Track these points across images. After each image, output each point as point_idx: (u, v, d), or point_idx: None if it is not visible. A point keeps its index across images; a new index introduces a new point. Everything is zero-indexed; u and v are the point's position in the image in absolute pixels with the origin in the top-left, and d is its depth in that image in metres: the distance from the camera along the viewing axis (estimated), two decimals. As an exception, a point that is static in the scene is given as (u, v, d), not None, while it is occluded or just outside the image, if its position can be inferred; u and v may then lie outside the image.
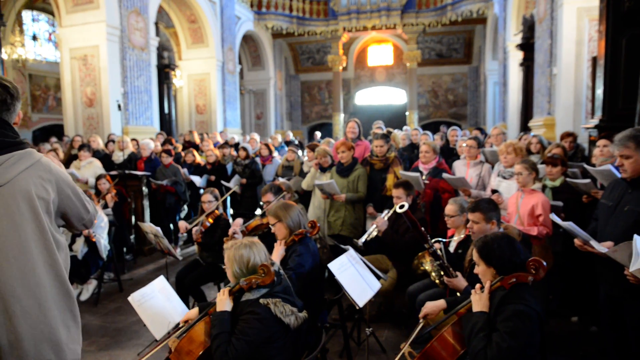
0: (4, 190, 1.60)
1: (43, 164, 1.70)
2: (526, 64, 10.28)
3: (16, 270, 1.60)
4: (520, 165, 3.87)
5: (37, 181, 1.66)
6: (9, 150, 1.64)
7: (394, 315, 4.27)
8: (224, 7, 14.31)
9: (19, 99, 1.77)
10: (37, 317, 1.63)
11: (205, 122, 14.56)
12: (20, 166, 1.63)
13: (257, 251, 2.42)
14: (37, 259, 1.64)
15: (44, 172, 1.69)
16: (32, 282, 1.62)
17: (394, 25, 16.90)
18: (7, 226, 1.60)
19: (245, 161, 7.17)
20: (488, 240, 2.37)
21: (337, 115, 18.61)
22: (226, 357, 2.14)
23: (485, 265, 2.35)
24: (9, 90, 1.72)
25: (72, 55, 10.01)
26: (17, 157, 1.64)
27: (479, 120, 19.16)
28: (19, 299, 1.60)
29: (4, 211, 1.60)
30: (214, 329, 2.23)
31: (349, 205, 4.86)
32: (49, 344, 1.66)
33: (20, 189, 1.62)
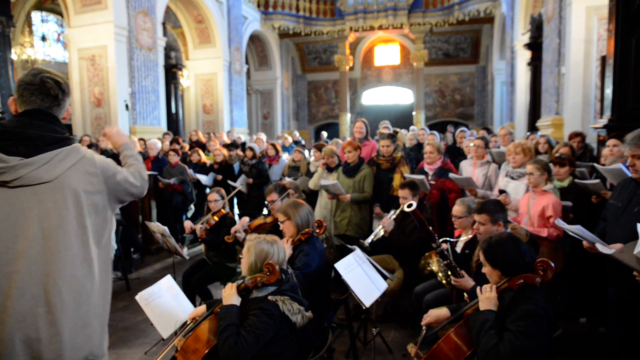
0: (53, 186, 1.63)
1: (88, 159, 1.73)
2: (534, 63, 10.21)
3: (60, 265, 1.63)
4: (532, 165, 3.83)
5: (84, 177, 1.70)
6: (57, 145, 1.66)
7: (401, 316, 4.26)
8: (231, 7, 14.34)
9: (69, 94, 1.81)
10: (74, 312, 1.66)
11: (212, 121, 14.60)
12: (68, 162, 1.66)
13: (278, 250, 2.44)
14: (78, 256, 1.67)
15: (90, 167, 1.72)
16: (72, 277, 1.65)
17: (400, 25, 16.87)
18: (55, 222, 1.63)
19: (252, 161, 7.18)
20: (493, 242, 2.36)
21: (343, 115, 18.59)
22: (235, 349, 2.12)
23: (491, 267, 2.34)
24: (61, 86, 1.75)
25: (80, 55, 10.08)
26: (65, 153, 1.66)
27: (486, 120, 19.08)
28: (60, 292, 1.62)
29: (52, 206, 1.62)
30: (222, 321, 2.23)
31: (354, 206, 4.85)
32: (83, 339, 1.69)
33: (67, 185, 1.65)
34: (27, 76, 1.73)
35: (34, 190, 1.61)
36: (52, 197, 1.63)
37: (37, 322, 1.60)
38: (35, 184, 1.60)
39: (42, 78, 1.71)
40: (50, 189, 1.62)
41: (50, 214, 1.62)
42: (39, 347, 1.61)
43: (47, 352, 1.61)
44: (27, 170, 1.58)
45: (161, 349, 3.74)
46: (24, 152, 1.60)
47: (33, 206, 1.61)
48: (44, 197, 1.62)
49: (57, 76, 1.76)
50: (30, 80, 1.71)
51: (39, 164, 1.60)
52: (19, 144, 1.61)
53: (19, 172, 1.57)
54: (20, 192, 1.60)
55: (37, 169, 1.59)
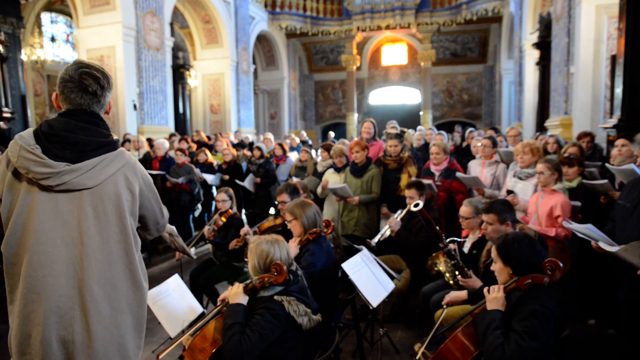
0: (95, 192, 1.61)
1: (131, 166, 1.71)
2: (542, 63, 10.15)
3: (96, 270, 1.62)
4: (543, 164, 3.80)
5: (125, 183, 1.67)
6: (103, 151, 1.63)
7: (408, 316, 4.24)
8: (238, 7, 14.38)
9: (109, 88, 1.74)
10: (109, 319, 1.65)
11: (219, 121, 14.65)
12: (112, 169, 1.64)
13: (280, 249, 2.42)
14: (117, 262, 1.66)
15: (131, 174, 1.69)
16: (109, 284, 1.64)
17: (408, 24, 16.82)
18: (94, 228, 1.61)
19: (259, 161, 7.19)
20: (509, 239, 2.34)
21: (350, 115, 18.57)
22: (239, 347, 2.12)
23: (502, 264, 2.32)
24: (99, 81, 1.68)
25: (89, 56, 10.15)
26: (110, 159, 1.64)
27: (494, 120, 18.99)
28: (94, 298, 1.61)
29: (92, 212, 1.61)
30: (228, 319, 2.22)
31: (362, 206, 4.85)
32: (116, 347, 1.68)
33: (109, 191, 1.63)
34: (68, 71, 1.68)
35: (76, 195, 1.60)
36: (93, 203, 1.61)
37: (72, 325, 1.60)
38: (79, 190, 1.59)
39: (81, 73, 1.66)
40: (92, 194, 1.61)
41: (90, 219, 1.61)
42: (73, 349, 1.60)
43: (80, 355, 1.61)
44: (72, 176, 1.57)
45: (167, 347, 3.76)
46: (70, 157, 1.58)
47: (74, 211, 1.60)
48: (85, 203, 1.61)
49: (96, 70, 1.70)
50: (69, 76, 1.66)
51: (83, 170, 1.58)
52: (66, 148, 1.58)
53: (64, 178, 1.56)
54: (63, 196, 1.59)
55: (82, 175, 1.58)
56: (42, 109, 14.88)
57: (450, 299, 2.80)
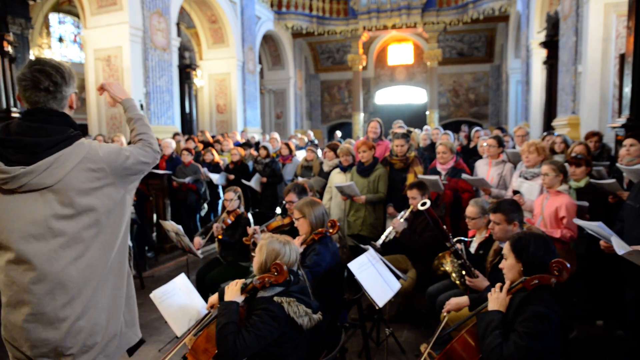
0: (57, 188, 1.64)
1: (91, 156, 1.70)
2: (550, 62, 10.08)
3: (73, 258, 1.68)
4: (547, 166, 3.79)
5: (89, 174, 1.68)
6: (57, 148, 1.65)
7: (414, 316, 4.23)
8: (245, 7, 14.40)
9: (66, 83, 1.74)
10: (92, 298, 1.73)
11: (225, 121, 14.68)
12: (70, 164, 1.65)
13: (290, 250, 2.41)
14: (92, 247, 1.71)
15: (93, 164, 1.70)
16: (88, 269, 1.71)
17: (414, 24, 16.78)
18: (64, 221, 1.65)
19: (265, 160, 7.20)
20: (525, 236, 2.32)
21: (357, 114, 18.55)
22: (234, 348, 2.09)
23: (515, 259, 2.29)
24: (51, 77, 1.69)
25: (96, 56, 10.21)
26: (66, 156, 1.65)
27: (501, 120, 18.91)
28: (76, 283, 1.68)
29: (59, 207, 1.65)
30: (221, 318, 2.19)
31: (369, 205, 4.84)
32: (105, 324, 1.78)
33: (72, 186, 1.65)
34: (23, 69, 1.70)
35: (41, 193, 1.64)
36: (58, 199, 1.64)
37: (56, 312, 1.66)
38: (40, 189, 1.63)
39: (33, 71, 1.67)
40: (55, 191, 1.64)
41: (57, 214, 1.65)
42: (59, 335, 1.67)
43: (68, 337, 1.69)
44: (30, 178, 1.60)
45: (172, 347, 3.77)
46: (24, 160, 1.61)
47: (41, 208, 1.64)
48: (50, 199, 1.64)
49: (50, 66, 1.71)
50: (23, 75, 1.68)
51: (39, 170, 1.61)
52: (19, 152, 1.62)
53: (22, 180, 1.60)
54: (28, 196, 1.64)
55: (39, 175, 1.61)
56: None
57: (451, 307, 2.73)
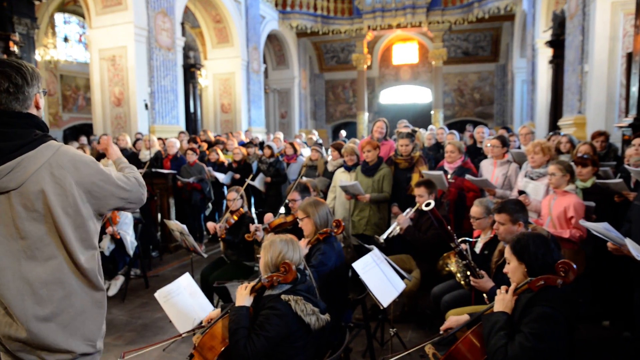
0: (21, 192, 1.64)
1: (55, 161, 1.67)
2: (556, 61, 10.03)
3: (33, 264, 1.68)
4: (554, 165, 3.76)
5: (52, 179, 1.65)
6: (18, 153, 1.63)
7: (418, 316, 4.22)
8: (249, 6, 14.41)
9: (29, 84, 1.70)
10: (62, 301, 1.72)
11: (230, 121, 14.70)
12: (33, 167, 1.63)
13: (293, 249, 2.43)
14: (56, 255, 1.70)
15: (56, 169, 1.66)
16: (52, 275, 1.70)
17: (419, 23, 16.73)
18: (28, 224, 1.66)
19: (269, 160, 7.20)
20: (523, 237, 2.32)
21: (361, 114, 18.53)
22: (245, 353, 2.12)
23: (517, 262, 2.29)
24: (11, 78, 1.65)
25: (101, 56, 10.24)
26: (28, 159, 1.63)
27: (506, 120, 18.83)
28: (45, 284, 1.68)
29: (23, 210, 1.65)
30: (232, 324, 2.23)
31: (373, 205, 4.83)
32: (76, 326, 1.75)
33: (34, 189, 1.64)
34: None
35: (6, 196, 1.64)
36: (22, 202, 1.64)
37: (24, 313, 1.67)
38: (6, 192, 1.63)
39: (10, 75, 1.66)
40: (19, 194, 1.64)
41: (23, 217, 1.65)
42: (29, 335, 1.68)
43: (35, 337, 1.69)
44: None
45: (179, 346, 3.79)
46: None
47: (7, 211, 1.66)
48: (14, 203, 1.65)
49: (10, 67, 1.67)
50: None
51: (1, 174, 1.60)
52: None
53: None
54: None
55: (1, 179, 1.61)
56: (55, 108, 15.05)
57: (450, 325, 2.56)
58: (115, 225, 4.93)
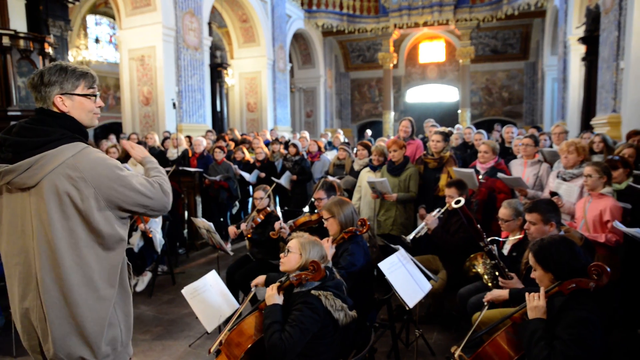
0: (37, 191, 1.65)
1: (72, 163, 1.65)
2: (589, 58, 9.75)
3: (47, 264, 1.67)
4: (591, 167, 3.62)
5: (67, 181, 1.64)
6: (39, 150, 1.64)
7: (444, 318, 4.16)
8: (275, 6, 14.49)
9: (51, 82, 1.71)
10: (63, 311, 1.69)
11: (255, 120, 14.81)
12: (49, 167, 1.63)
13: (320, 249, 2.48)
14: (65, 257, 1.67)
15: (72, 171, 1.64)
16: (59, 278, 1.67)
17: (446, 21, 16.51)
18: (40, 224, 1.66)
19: (295, 158, 7.21)
20: (545, 244, 2.25)
21: (387, 113, 18.41)
22: (281, 345, 2.14)
23: (543, 270, 2.23)
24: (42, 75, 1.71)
25: (130, 56, 10.46)
26: (47, 158, 1.63)
27: (536, 119, 18.42)
28: (47, 290, 1.67)
29: (36, 209, 1.66)
30: (267, 319, 2.26)
31: (399, 205, 4.79)
32: (77, 339, 1.70)
33: (48, 189, 1.64)
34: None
35: (27, 193, 1.67)
36: (36, 201, 1.65)
37: (35, 311, 1.71)
38: (26, 189, 1.66)
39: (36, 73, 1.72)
40: (36, 192, 1.65)
41: (37, 216, 1.66)
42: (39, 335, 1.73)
43: (44, 341, 1.71)
44: (12, 176, 1.63)
45: (205, 343, 3.83)
46: (8, 159, 1.65)
47: (25, 208, 1.68)
48: (32, 200, 1.66)
49: (54, 65, 1.73)
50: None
51: (20, 170, 1.62)
52: (7, 150, 1.66)
53: (6, 178, 1.64)
54: (17, 195, 1.69)
55: (20, 175, 1.62)
56: (87, 107, 15.42)
57: (492, 297, 2.78)
58: (146, 223, 5.03)
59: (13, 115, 5.92)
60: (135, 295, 5.08)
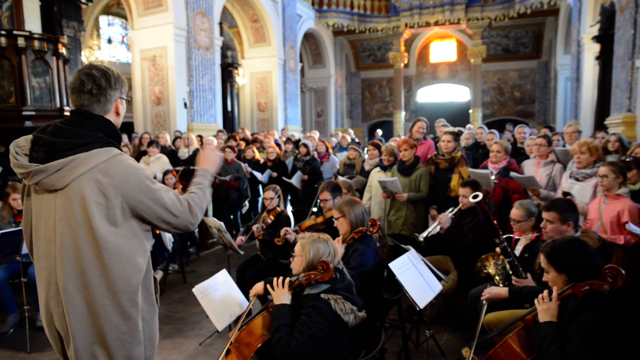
0: (64, 193, 1.61)
1: (104, 168, 1.62)
2: (603, 57, 9.61)
3: (70, 271, 1.63)
4: (606, 167, 3.55)
5: (96, 186, 1.60)
6: (72, 152, 1.60)
7: (455, 319, 4.14)
8: (286, 6, 14.50)
9: (112, 87, 1.72)
10: (86, 318, 1.65)
11: (266, 119, 14.84)
12: (79, 170, 1.59)
13: (331, 248, 2.45)
14: (89, 266, 1.63)
15: (102, 177, 1.61)
16: (83, 285, 1.64)
17: (457, 20, 16.39)
18: (66, 229, 1.62)
19: (305, 158, 7.21)
20: (557, 245, 2.22)
21: (398, 113, 18.33)
22: (288, 350, 2.14)
23: (556, 272, 2.20)
24: (95, 79, 1.68)
25: (142, 56, 10.53)
26: (79, 161, 1.59)
27: (548, 119, 18.23)
28: (71, 297, 1.63)
29: (63, 212, 1.62)
30: (274, 321, 2.25)
31: (410, 205, 4.77)
32: (100, 346, 1.68)
33: (76, 193, 1.60)
34: (73, 74, 1.72)
35: (54, 195, 1.63)
36: (63, 204, 1.62)
37: (58, 319, 1.69)
38: (54, 190, 1.62)
39: (80, 75, 1.68)
40: (63, 195, 1.61)
41: (62, 220, 1.62)
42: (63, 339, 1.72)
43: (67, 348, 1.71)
44: (42, 176, 1.59)
45: (215, 341, 3.85)
46: (40, 159, 1.61)
47: (51, 211, 1.64)
48: (58, 203, 1.63)
49: (97, 70, 1.70)
50: (72, 79, 1.70)
51: (51, 171, 1.59)
52: (39, 150, 1.63)
53: (35, 178, 1.60)
54: (45, 196, 1.65)
55: (50, 176, 1.59)
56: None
57: (491, 296, 2.73)
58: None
59: (27, 115, 6.00)
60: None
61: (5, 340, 4.00)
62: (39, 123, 6.21)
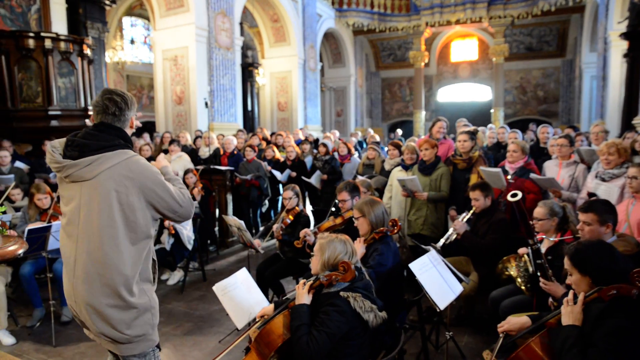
0: (91, 184, 1.99)
1: (125, 165, 2.02)
2: (632, 54, 9.37)
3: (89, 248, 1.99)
4: (636, 168, 3.43)
5: (119, 178, 1.99)
6: (99, 152, 2.00)
7: (475, 321, 4.08)
8: (306, 5, 14.53)
9: (128, 108, 2.12)
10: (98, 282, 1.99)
11: (286, 119, 14.89)
12: (106, 165, 1.99)
13: (350, 249, 2.45)
14: (105, 243, 1.99)
15: (125, 171, 2.01)
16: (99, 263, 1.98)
17: (479, 18, 16.19)
18: (88, 212, 1.99)
19: (325, 157, 7.20)
20: (582, 247, 2.17)
21: (418, 112, 18.20)
22: (307, 349, 2.14)
23: (580, 274, 2.14)
24: (117, 104, 2.07)
25: (164, 56, 10.68)
26: (105, 158, 1.99)
27: (572, 118, 17.88)
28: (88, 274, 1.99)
29: (89, 199, 1.99)
30: (293, 321, 2.26)
31: (430, 204, 4.72)
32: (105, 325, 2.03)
33: (102, 184, 1.98)
34: (97, 97, 2.12)
35: (80, 185, 2.01)
36: (89, 192, 1.99)
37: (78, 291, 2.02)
38: (81, 181, 2.00)
39: (104, 99, 2.08)
40: (90, 185, 1.99)
41: (86, 205, 2.00)
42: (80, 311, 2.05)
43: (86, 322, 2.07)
44: (74, 170, 1.99)
45: (235, 339, 3.87)
46: (73, 156, 2.01)
47: (77, 197, 2.03)
48: (85, 192, 2.00)
49: (117, 95, 2.09)
50: (96, 102, 2.10)
51: (82, 165, 1.98)
52: (73, 150, 2.02)
53: (68, 171, 2.00)
54: (74, 185, 2.03)
55: (81, 169, 1.98)
56: (123, 107, 15.85)
57: (509, 327, 2.43)
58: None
59: (53, 114, 6.13)
60: (167, 291, 5.19)
61: (32, 334, 4.10)
62: (64, 122, 6.36)
